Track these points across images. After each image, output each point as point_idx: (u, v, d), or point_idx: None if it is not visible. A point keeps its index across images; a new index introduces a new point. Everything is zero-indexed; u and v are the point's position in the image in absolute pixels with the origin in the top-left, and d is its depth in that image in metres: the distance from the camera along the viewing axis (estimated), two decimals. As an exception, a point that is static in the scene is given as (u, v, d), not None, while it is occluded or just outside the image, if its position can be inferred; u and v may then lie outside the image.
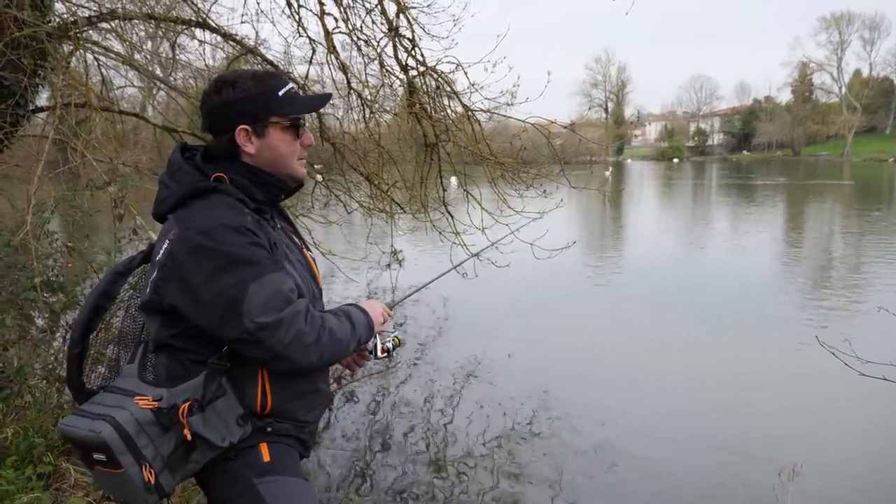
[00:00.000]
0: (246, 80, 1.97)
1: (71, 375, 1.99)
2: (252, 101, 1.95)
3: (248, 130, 1.96)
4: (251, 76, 2.00)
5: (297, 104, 2.02)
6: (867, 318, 10.11)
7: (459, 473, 5.80)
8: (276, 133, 1.99)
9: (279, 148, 2.00)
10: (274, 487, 1.90)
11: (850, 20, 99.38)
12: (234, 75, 2.01)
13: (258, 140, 1.97)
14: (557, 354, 9.10)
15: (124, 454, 1.73)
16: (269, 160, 2.00)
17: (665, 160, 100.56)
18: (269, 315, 1.78)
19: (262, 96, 1.96)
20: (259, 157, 1.99)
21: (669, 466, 5.95)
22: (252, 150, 1.97)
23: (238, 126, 1.95)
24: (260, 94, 1.95)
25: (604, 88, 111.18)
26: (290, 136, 2.01)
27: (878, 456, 6.12)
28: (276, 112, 1.97)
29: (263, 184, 1.99)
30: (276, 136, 1.99)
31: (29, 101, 5.69)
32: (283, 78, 2.05)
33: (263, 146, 1.98)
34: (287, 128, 2.00)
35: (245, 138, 1.96)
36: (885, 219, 24.60)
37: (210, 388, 1.82)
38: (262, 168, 1.99)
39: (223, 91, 1.95)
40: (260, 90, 1.96)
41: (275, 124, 1.98)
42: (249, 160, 1.99)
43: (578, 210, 26.25)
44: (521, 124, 6.38)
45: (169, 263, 1.81)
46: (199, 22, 6.35)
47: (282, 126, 1.99)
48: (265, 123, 1.97)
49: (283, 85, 2.00)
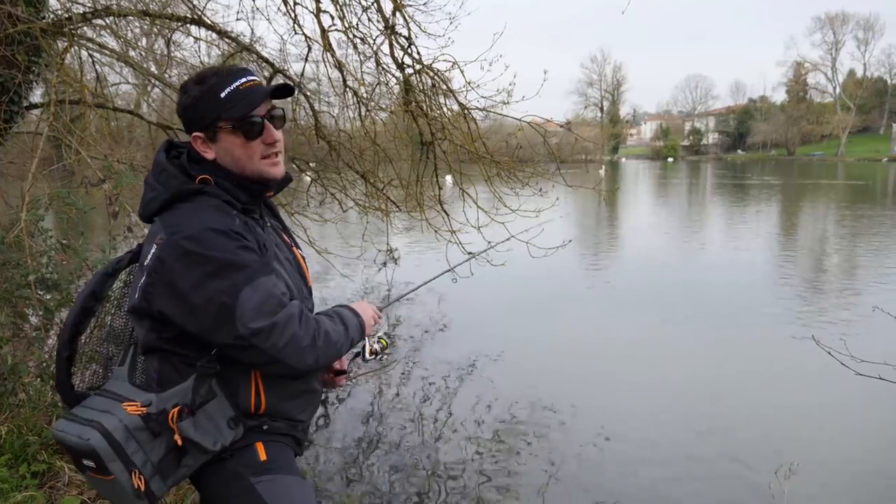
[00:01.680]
0: (192, 83, 1.90)
1: (60, 379, 1.95)
2: (197, 107, 1.88)
3: (202, 137, 1.90)
4: (196, 79, 1.91)
5: (244, 102, 1.86)
6: (862, 317, 10.13)
7: (453, 473, 5.80)
8: (226, 136, 1.89)
9: (233, 151, 1.90)
10: (272, 486, 1.87)
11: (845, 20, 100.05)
12: (188, 80, 1.94)
13: (213, 145, 1.90)
14: (552, 354, 9.10)
15: (113, 461, 1.71)
16: (230, 163, 1.91)
17: (660, 159, 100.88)
18: (263, 319, 1.75)
19: (204, 100, 1.86)
20: (221, 161, 1.91)
21: (665, 465, 5.95)
22: (211, 155, 1.91)
23: (192, 133, 1.90)
24: (201, 97, 1.87)
25: (599, 87, 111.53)
26: (240, 138, 1.88)
27: (874, 455, 6.14)
28: (222, 115, 1.86)
29: (240, 185, 1.92)
30: (227, 140, 1.89)
31: (23, 98, 5.66)
32: (231, 74, 1.89)
33: (220, 150, 1.90)
34: (234, 130, 1.88)
35: (202, 145, 1.90)
36: (880, 218, 24.68)
37: (200, 392, 1.80)
38: (230, 169, 1.92)
39: (181, 97, 1.91)
40: (201, 94, 1.87)
41: (222, 128, 1.88)
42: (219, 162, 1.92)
43: (574, 209, 26.25)
44: (517, 123, 6.37)
45: (157, 269, 1.78)
46: (194, 19, 6.32)
47: (229, 129, 1.88)
48: (214, 128, 1.88)
49: (229, 83, 1.86)
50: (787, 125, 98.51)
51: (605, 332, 10.19)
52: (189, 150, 1.97)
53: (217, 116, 1.86)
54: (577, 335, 10.01)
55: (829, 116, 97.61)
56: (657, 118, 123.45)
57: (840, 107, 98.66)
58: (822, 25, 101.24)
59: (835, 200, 33.02)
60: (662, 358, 8.84)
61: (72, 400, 1.94)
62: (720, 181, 51.00)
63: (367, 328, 2.13)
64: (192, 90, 1.88)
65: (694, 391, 7.69)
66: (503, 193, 6.88)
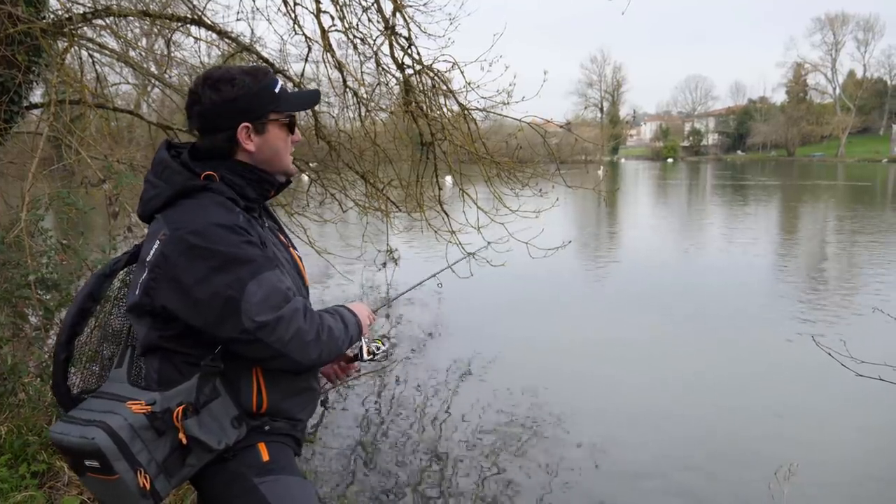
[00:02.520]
0: (243, 76, 1.95)
1: (57, 381, 1.95)
2: (252, 98, 1.93)
3: (250, 128, 1.94)
4: (247, 73, 1.97)
5: (292, 101, 2.03)
6: (862, 318, 10.13)
7: (452, 474, 5.80)
8: (274, 130, 1.98)
9: (277, 145, 2.00)
10: (275, 487, 1.88)
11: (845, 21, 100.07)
12: (227, 72, 1.97)
13: (258, 137, 1.96)
14: (551, 354, 9.10)
15: (119, 460, 1.70)
16: (267, 157, 1.99)
17: (660, 160, 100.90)
18: (269, 313, 1.76)
19: (262, 93, 1.94)
20: (258, 154, 1.97)
21: (663, 466, 5.95)
22: (252, 147, 1.95)
23: (240, 123, 1.93)
24: (259, 91, 1.94)
25: (599, 88, 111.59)
26: (285, 132, 2.01)
27: (874, 457, 6.14)
28: (275, 109, 1.97)
29: (257, 180, 1.97)
30: (275, 133, 1.99)
31: (23, 98, 5.67)
32: (275, 74, 2.05)
33: (263, 143, 1.97)
34: (284, 124, 2.00)
35: (246, 136, 1.94)
36: (880, 219, 24.69)
37: (204, 391, 1.80)
38: (258, 165, 1.98)
39: (222, 88, 1.91)
40: (258, 87, 1.94)
41: (273, 121, 1.97)
42: (246, 157, 1.96)
43: (574, 209, 26.27)
44: (516, 123, 6.38)
45: (161, 264, 1.78)
46: (194, 19, 6.33)
47: (280, 123, 1.99)
48: (265, 121, 1.96)
49: (277, 81, 2.00)
50: (787, 126, 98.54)
51: (605, 332, 10.19)
52: (192, 148, 1.99)
53: (271, 109, 1.96)
54: (577, 336, 10.01)
55: (829, 117, 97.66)
56: (657, 119, 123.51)
57: (840, 108, 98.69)
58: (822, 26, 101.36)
59: (835, 201, 33.03)
60: (661, 359, 8.83)
61: (68, 403, 1.93)
62: (720, 182, 51.00)
63: (364, 328, 2.14)
64: (245, 81, 1.93)
65: (693, 392, 7.69)
66: (503, 194, 6.88)
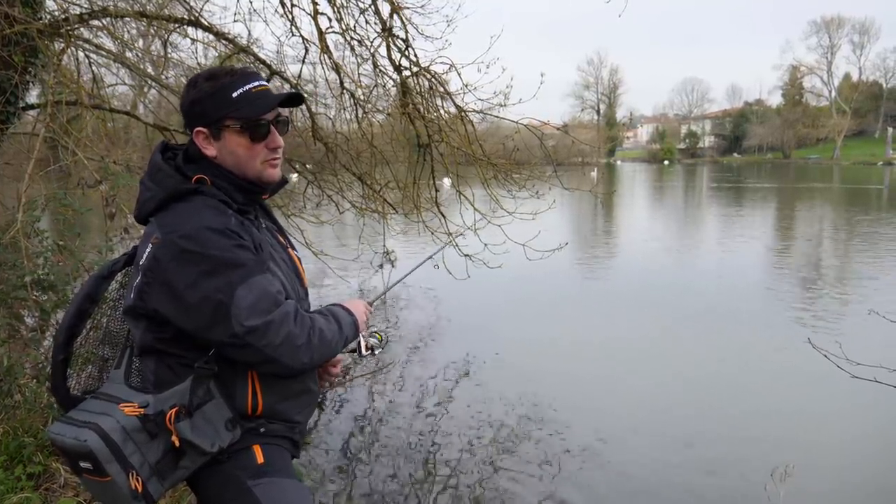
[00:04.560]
0: (203, 78, 1.92)
1: (56, 382, 1.95)
2: (205, 102, 1.89)
3: (205, 132, 1.91)
4: (207, 76, 1.94)
5: (254, 105, 1.91)
6: (858, 320, 10.15)
7: (450, 473, 5.80)
8: (231, 136, 1.91)
9: (236, 151, 1.93)
10: (269, 489, 1.87)
11: (841, 24, 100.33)
12: (197, 76, 1.96)
13: (216, 142, 1.92)
14: (548, 355, 9.09)
15: (110, 462, 1.70)
16: (231, 163, 1.93)
17: (656, 162, 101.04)
18: (258, 318, 1.75)
19: (214, 97, 1.89)
20: (220, 159, 1.93)
21: (660, 467, 5.95)
22: (212, 152, 1.93)
23: (195, 127, 1.92)
24: (212, 94, 1.89)
25: (596, 90, 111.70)
26: (245, 139, 1.92)
27: (870, 458, 6.14)
28: (230, 114, 1.89)
29: (235, 185, 1.94)
30: (232, 140, 1.92)
31: (20, 99, 5.65)
32: (245, 76, 1.94)
33: (222, 148, 1.93)
34: (241, 130, 1.91)
35: (204, 140, 1.92)
36: (875, 222, 24.74)
37: (197, 393, 1.79)
38: (230, 170, 1.94)
39: (188, 90, 1.93)
40: (212, 90, 1.89)
41: (228, 127, 1.91)
42: (216, 161, 1.94)
43: (570, 211, 26.29)
44: (513, 125, 6.39)
45: (153, 268, 1.78)
46: (191, 20, 6.33)
47: (236, 129, 1.91)
48: (219, 126, 1.90)
49: (242, 84, 1.90)
50: (783, 128, 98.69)
51: (602, 334, 10.19)
52: (185, 151, 1.98)
53: (225, 114, 1.89)
54: (574, 337, 10.00)
55: (825, 120, 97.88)
56: (653, 121, 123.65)
57: (836, 110, 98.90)
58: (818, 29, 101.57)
59: (830, 204, 33.10)
60: (657, 360, 8.83)
61: (67, 403, 1.93)
62: (716, 184, 51.08)
63: (360, 325, 2.13)
64: (203, 85, 1.90)
65: (689, 393, 7.69)
66: (500, 196, 6.89)
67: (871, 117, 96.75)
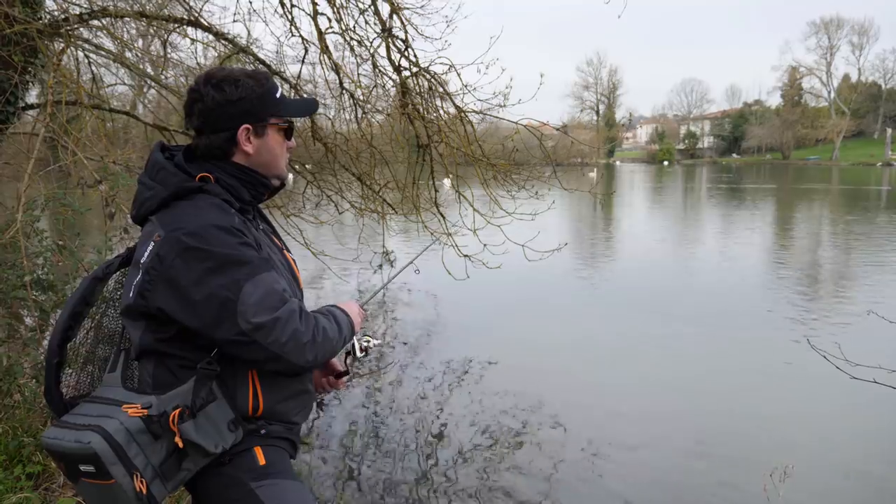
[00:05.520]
0: (247, 78, 1.96)
1: (49, 385, 1.93)
2: (255, 101, 1.95)
3: (250, 130, 1.96)
4: (250, 75, 1.99)
5: (291, 107, 2.06)
6: (857, 321, 10.16)
7: (449, 475, 5.80)
8: (273, 134, 2.01)
9: (274, 149, 2.02)
10: (272, 490, 1.87)
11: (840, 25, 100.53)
12: (231, 73, 1.98)
13: (257, 140, 1.98)
14: (547, 356, 9.10)
15: (115, 464, 1.69)
16: (264, 160, 2.01)
17: (655, 163, 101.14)
18: (265, 315, 1.75)
19: (264, 97, 1.97)
20: (255, 156, 1.99)
21: (659, 467, 5.96)
22: (251, 149, 1.97)
23: (241, 125, 1.95)
24: (262, 94, 1.97)
25: (595, 91, 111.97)
26: (282, 137, 2.04)
27: (869, 459, 6.14)
28: (275, 113, 2.00)
29: (252, 183, 1.99)
30: (273, 138, 2.01)
31: (19, 99, 5.66)
32: (274, 80, 2.06)
33: (262, 146, 1.99)
34: (282, 129, 2.03)
35: (246, 137, 1.96)
36: (874, 223, 24.76)
37: (200, 394, 1.78)
38: (254, 168, 1.99)
39: (226, 88, 1.92)
40: (262, 90, 1.97)
41: (273, 125, 2.00)
42: (243, 159, 1.97)
43: (570, 212, 26.30)
44: (513, 126, 6.38)
45: (156, 266, 1.77)
46: (190, 20, 6.32)
47: (278, 128, 2.02)
48: (265, 124, 1.99)
49: (278, 87, 2.03)
50: (782, 129, 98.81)
51: (601, 334, 10.20)
52: (186, 149, 1.99)
53: (271, 113, 2.00)
54: (573, 338, 10.01)
55: (824, 121, 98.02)
56: (652, 121, 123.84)
57: (835, 111, 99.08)
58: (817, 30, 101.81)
59: (829, 205, 33.12)
60: (657, 361, 8.84)
61: (59, 408, 1.91)
62: (715, 185, 51.11)
63: (356, 325, 2.14)
64: (248, 83, 1.96)
65: (688, 394, 7.69)
66: (499, 196, 6.89)
67: (870, 118, 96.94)
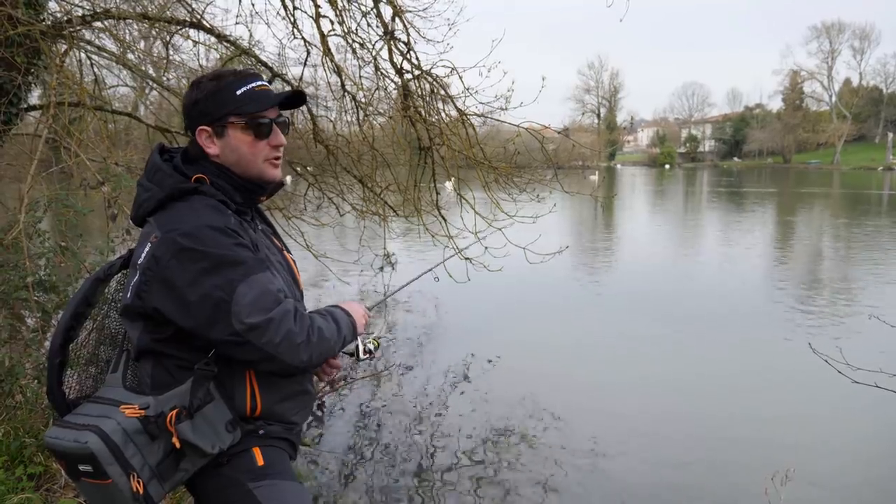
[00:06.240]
0: (207, 79, 1.96)
1: (51, 385, 1.94)
2: (209, 101, 1.93)
3: (209, 131, 1.94)
4: (212, 76, 1.98)
5: (258, 103, 1.95)
6: (859, 325, 10.16)
7: (449, 477, 5.80)
8: (235, 133, 1.95)
9: (240, 149, 1.96)
10: (270, 491, 1.87)
11: (841, 29, 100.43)
12: (203, 76, 2.00)
13: (219, 140, 1.95)
14: (548, 358, 9.10)
15: (112, 465, 1.70)
16: (232, 161, 1.97)
17: (657, 166, 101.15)
18: (259, 315, 1.75)
19: (218, 95, 1.93)
20: (223, 157, 1.96)
21: (660, 470, 5.96)
22: (215, 150, 1.96)
23: (198, 126, 1.94)
24: (216, 92, 1.93)
25: (596, 94, 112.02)
26: (249, 136, 1.96)
27: (870, 463, 6.15)
28: (234, 112, 1.93)
29: (236, 185, 1.97)
30: (236, 137, 1.95)
31: (22, 100, 5.66)
32: (247, 76, 1.99)
33: (225, 147, 1.96)
34: (245, 127, 1.95)
35: (206, 139, 1.95)
36: (875, 227, 24.75)
37: (198, 395, 1.79)
38: (230, 168, 1.97)
39: (191, 91, 1.96)
40: (216, 89, 1.93)
41: (232, 124, 1.94)
42: (217, 160, 1.97)
43: (571, 215, 26.30)
44: (514, 129, 6.39)
45: (152, 267, 1.78)
46: (193, 22, 6.33)
47: (240, 126, 1.95)
48: (223, 123, 1.94)
49: (246, 83, 1.95)
50: (783, 133, 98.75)
51: (602, 337, 10.20)
52: (184, 152, 2.00)
53: (229, 112, 1.93)
54: (574, 340, 10.02)
55: (825, 125, 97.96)
56: (654, 125, 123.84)
57: (836, 115, 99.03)
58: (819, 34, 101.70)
59: (830, 209, 33.11)
60: (657, 363, 8.84)
61: (62, 408, 1.93)
62: (716, 189, 51.10)
63: (358, 327, 2.13)
64: (206, 84, 1.94)
65: (689, 397, 7.69)
66: (500, 199, 6.90)
67: (872, 122, 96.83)
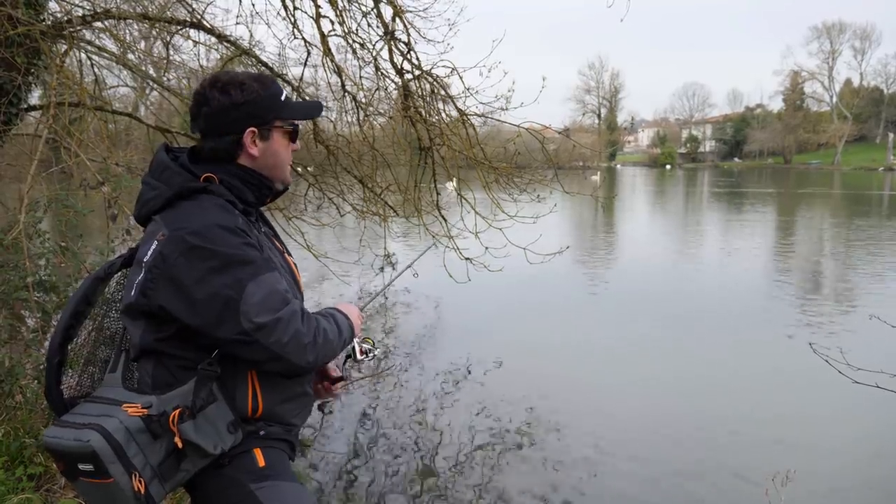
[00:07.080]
0: (252, 82, 1.98)
1: (49, 385, 1.93)
2: (260, 104, 1.96)
3: (255, 132, 1.97)
4: (255, 79, 2.00)
5: (296, 110, 2.08)
6: (859, 325, 10.16)
7: (448, 477, 5.80)
8: (278, 137, 2.02)
9: (279, 152, 2.03)
10: (271, 492, 1.87)
11: (842, 30, 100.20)
12: (236, 76, 1.99)
13: (262, 143, 1.99)
14: (548, 359, 9.11)
15: (114, 463, 1.69)
16: (269, 163, 2.01)
17: (657, 167, 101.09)
18: (267, 315, 1.76)
19: (269, 99, 1.98)
20: (261, 159, 2.00)
21: (660, 471, 5.96)
22: (256, 152, 1.98)
23: (247, 128, 1.95)
24: (267, 97, 1.97)
25: (597, 94, 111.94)
26: (287, 140, 2.05)
27: (871, 464, 6.15)
28: (280, 116, 2.00)
29: (256, 185, 1.99)
30: (278, 141, 2.02)
31: (22, 100, 5.67)
32: (278, 84, 2.08)
33: (266, 149, 2.00)
34: (285, 132, 2.04)
35: (251, 140, 1.97)
36: (875, 227, 24.74)
37: (201, 395, 1.79)
38: (258, 170, 2.00)
39: (231, 91, 1.93)
40: (266, 93, 1.97)
41: (278, 128, 2.01)
42: (248, 162, 1.98)
43: (571, 215, 26.29)
44: (515, 129, 6.39)
45: (159, 264, 1.78)
46: (193, 23, 6.34)
47: (283, 130, 2.03)
48: (270, 127, 1.99)
49: (283, 90, 2.03)
50: (784, 133, 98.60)
51: (602, 337, 10.20)
52: (191, 151, 2.00)
53: (276, 116, 2.00)
54: (574, 341, 10.01)
55: (826, 125, 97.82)
56: (654, 125, 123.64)
57: (836, 116, 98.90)
58: (819, 35, 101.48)
59: (831, 210, 33.11)
60: (658, 364, 8.84)
61: (60, 407, 1.92)
62: (717, 189, 51.09)
63: (356, 328, 2.14)
64: (253, 86, 1.96)
65: (690, 398, 7.69)
66: (501, 199, 6.89)
67: (872, 123, 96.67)
